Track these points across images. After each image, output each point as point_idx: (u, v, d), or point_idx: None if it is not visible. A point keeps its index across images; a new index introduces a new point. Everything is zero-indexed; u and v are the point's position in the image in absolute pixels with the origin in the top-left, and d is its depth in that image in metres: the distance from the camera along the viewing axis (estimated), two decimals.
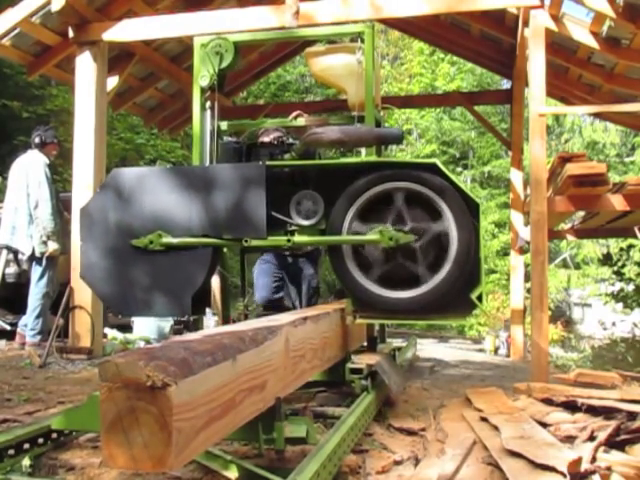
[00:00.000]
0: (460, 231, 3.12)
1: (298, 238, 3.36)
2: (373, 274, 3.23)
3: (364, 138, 3.40)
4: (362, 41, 3.55)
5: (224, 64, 3.56)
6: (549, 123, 18.13)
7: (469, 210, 3.17)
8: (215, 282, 4.66)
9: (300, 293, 5.35)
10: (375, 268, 3.23)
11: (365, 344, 3.90)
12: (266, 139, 3.92)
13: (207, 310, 5.57)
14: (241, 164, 3.52)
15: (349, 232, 3.24)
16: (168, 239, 3.30)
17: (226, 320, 3.91)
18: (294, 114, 3.96)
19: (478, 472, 2.23)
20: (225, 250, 3.77)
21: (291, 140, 3.72)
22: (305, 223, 3.33)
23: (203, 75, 3.55)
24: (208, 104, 3.63)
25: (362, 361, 3.31)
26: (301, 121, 3.85)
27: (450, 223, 3.14)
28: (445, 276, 3.14)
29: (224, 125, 3.75)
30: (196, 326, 3.49)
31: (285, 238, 3.34)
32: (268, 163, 3.36)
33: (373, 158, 3.44)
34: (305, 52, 3.76)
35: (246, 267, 3.92)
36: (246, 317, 3.82)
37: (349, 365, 3.27)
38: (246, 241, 3.28)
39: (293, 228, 3.36)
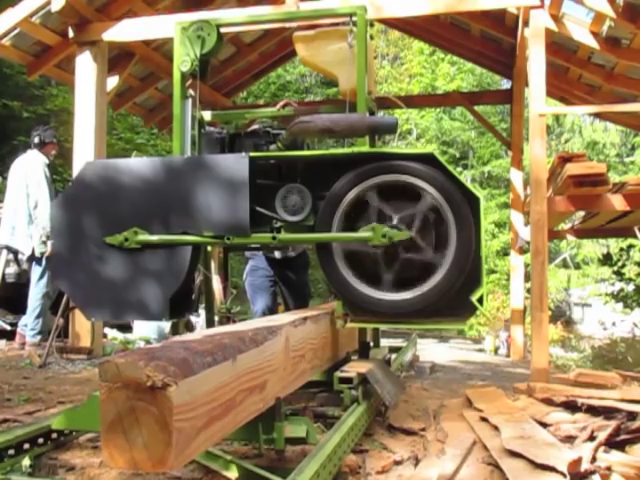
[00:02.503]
0: (459, 228, 2.89)
1: (284, 235, 3.09)
2: (365, 274, 2.99)
3: (355, 127, 3.09)
4: (354, 24, 3.23)
5: (206, 49, 3.29)
6: (549, 123, 18.13)
7: (469, 206, 2.91)
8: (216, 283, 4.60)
9: (294, 300, 5.19)
10: (367, 268, 2.99)
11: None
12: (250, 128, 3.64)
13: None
14: (223, 155, 3.26)
15: (339, 228, 3.01)
16: (145, 236, 3.02)
17: (210, 323, 3.68)
18: (282, 103, 3.71)
19: (478, 472, 2.24)
20: (210, 248, 3.56)
21: (277, 130, 3.43)
22: (292, 219, 3.06)
23: (184, 60, 3.28)
24: (189, 92, 3.38)
25: (352, 369, 3.01)
26: (289, 110, 3.58)
27: (449, 220, 2.90)
28: (443, 277, 2.89)
29: (207, 115, 3.55)
30: (175, 330, 3.26)
31: (270, 235, 3.08)
32: (252, 154, 3.07)
33: (365, 149, 3.11)
34: (293, 36, 3.44)
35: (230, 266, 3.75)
36: (228, 320, 3.60)
37: (337, 374, 2.94)
38: (228, 238, 3.03)
39: (279, 224, 3.09)
